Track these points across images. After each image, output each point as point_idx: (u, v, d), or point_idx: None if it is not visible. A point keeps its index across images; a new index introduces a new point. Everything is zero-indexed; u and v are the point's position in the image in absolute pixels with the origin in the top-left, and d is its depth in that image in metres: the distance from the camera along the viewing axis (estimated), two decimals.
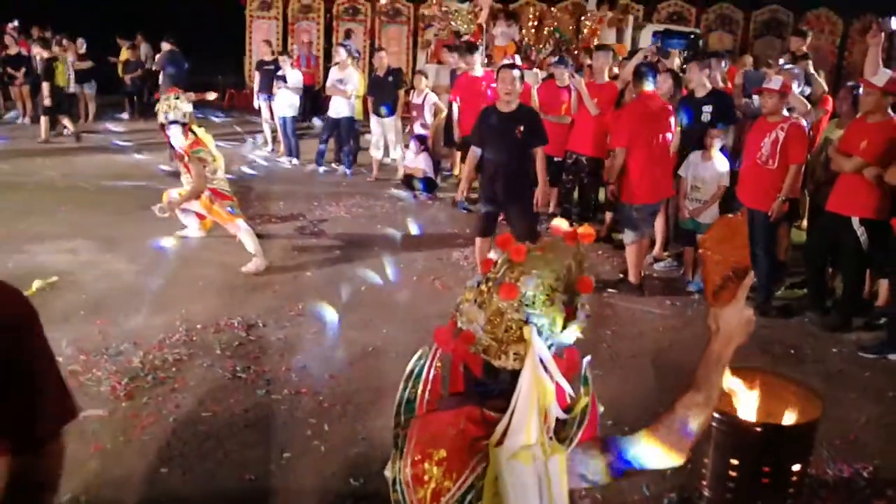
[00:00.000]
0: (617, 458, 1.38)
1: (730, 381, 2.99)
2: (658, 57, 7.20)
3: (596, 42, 9.35)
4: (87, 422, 3.34)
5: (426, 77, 8.65)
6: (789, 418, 2.87)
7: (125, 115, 12.62)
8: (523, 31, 10.41)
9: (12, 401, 1.12)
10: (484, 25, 9.00)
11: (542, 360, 1.33)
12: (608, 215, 6.79)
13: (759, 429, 2.81)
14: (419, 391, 1.56)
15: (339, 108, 8.82)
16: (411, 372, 1.58)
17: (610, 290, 5.39)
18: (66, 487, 2.89)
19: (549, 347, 1.37)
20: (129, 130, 11.47)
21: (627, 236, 5.39)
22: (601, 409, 1.47)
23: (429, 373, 1.56)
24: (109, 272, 5.30)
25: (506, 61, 6.65)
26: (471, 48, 7.87)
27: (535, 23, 10.59)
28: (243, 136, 10.96)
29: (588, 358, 1.53)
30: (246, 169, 9.10)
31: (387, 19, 14.45)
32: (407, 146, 8.47)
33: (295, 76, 9.44)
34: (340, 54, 8.96)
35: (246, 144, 10.54)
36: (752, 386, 2.98)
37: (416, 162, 8.12)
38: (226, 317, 4.59)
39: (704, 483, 2.92)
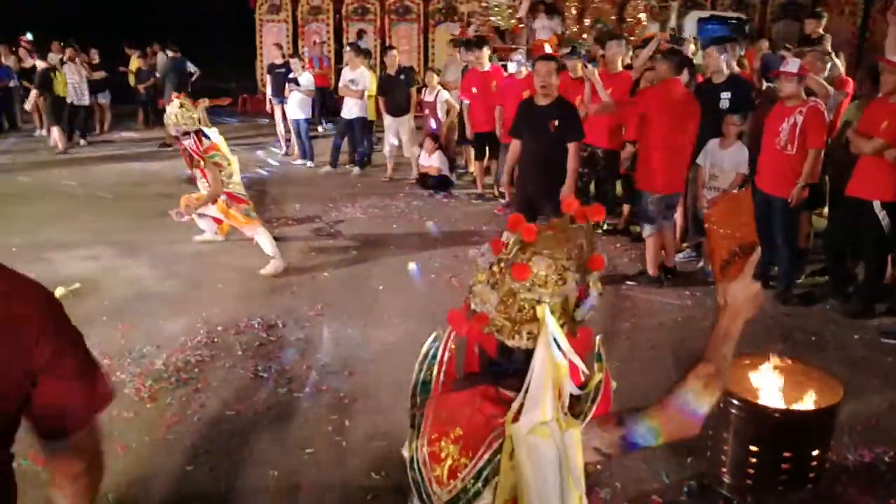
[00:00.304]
0: (631, 432, 1.39)
1: (750, 368, 3.00)
2: (672, 44, 7.14)
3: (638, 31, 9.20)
4: (112, 423, 3.40)
5: (437, 74, 8.66)
6: (809, 404, 2.85)
7: (139, 125, 12.77)
8: (566, 23, 10.25)
9: (40, 390, 1.14)
10: (524, 19, 8.90)
11: (555, 339, 1.35)
12: (625, 208, 6.77)
13: (778, 415, 2.80)
14: (434, 373, 1.59)
15: (351, 108, 8.86)
16: (426, 354, 1.62)
17: (629, 282, 5.37)
18: None
19: (562, 326, 1.38)
20: (144, 139, 11.62)
21: (645, 229, 5.37)
22: (614, 384, 1.48)
23: (443, 354, 1.60)
24: (130, 278, 5.38)
25: (544, 53, 6.62)
26: (479, 43, 7.88)
27: (578, 14, 10.44)
28: (265, 144, 11.00)
29: (600, 335, 1.54)
30: (261, 172, 9.18)
31: (396, 17, 14.48)
32: (421, 145, 8.49)
33: (307, 78, 9.49)
34: (350, 54, 9.01)
35: (266, 148, 10.62)
36: (771, 372, 2.97)
37: (431, 161, 8.15)
38: (246, 318, 4.64)
39: (724, 470, 2.92)
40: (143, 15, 16.75)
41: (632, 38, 7.46)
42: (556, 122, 4.93)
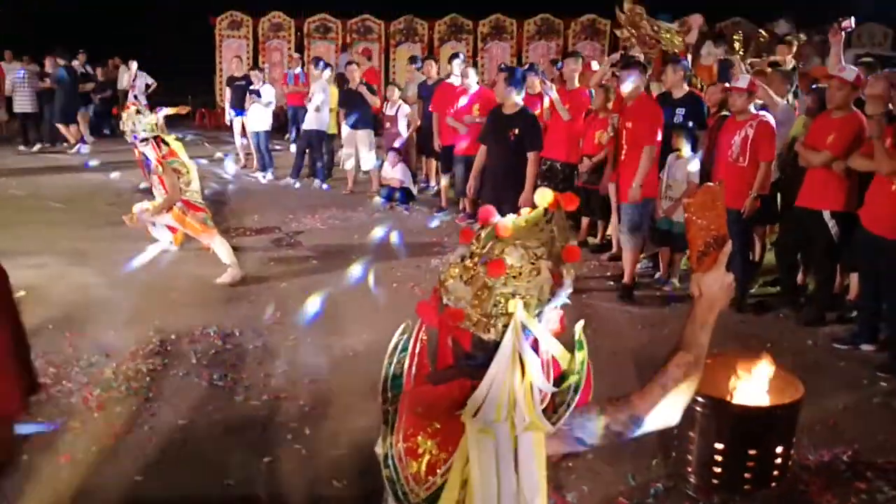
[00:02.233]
0: (615, 421, 1.37)
1: (712, 367, 3.02)
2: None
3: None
4: (56, 433, 3.25)
5: (399, 89, 8.68)
6: (772, 400, 2.89)
7: (91, 137, 12.44)
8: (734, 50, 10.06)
9: None
10: (692, 45, 8.72)
11: (528, 333, 1.33)
12: (584, 220, 6.84)
13: (743, 410, 2.82)
14: (405, 366, 1.53)
15: (310, 121, 8.80)
16: (395, 346, 1.57)
17: (622, 298, 5.38)
18: (34, 498, 2.79)
19: (538, 316, 1.36)
20: (100, 151, 11.32)
21: (630, 239, 5.36)
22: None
23: (415, 347, 1.54)
24: (79, 286, 5.18)
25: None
26: (452, 57, 8.00)
27: (743, 45, 10.33)
28: (218, 154, 10.85)
29: (581, 322, 1.52)
30: (219, 184, 9.02)
31: (358, 37, 14.51)
32: (385, 158, 8.47)
33: (267, 91, 9.41)
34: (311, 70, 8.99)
35: (224, 161, 10.45)
36: (732, 371, 3.00)
37: (394, 173, 8.13)
38: (201, 327, 4.50)
39: (690, 470, 2.92)
40: (100, 27, 16.45)
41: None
42: (517, 131, 5.09)
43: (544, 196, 1.44)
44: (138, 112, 5.12)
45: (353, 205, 8.09)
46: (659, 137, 5.21)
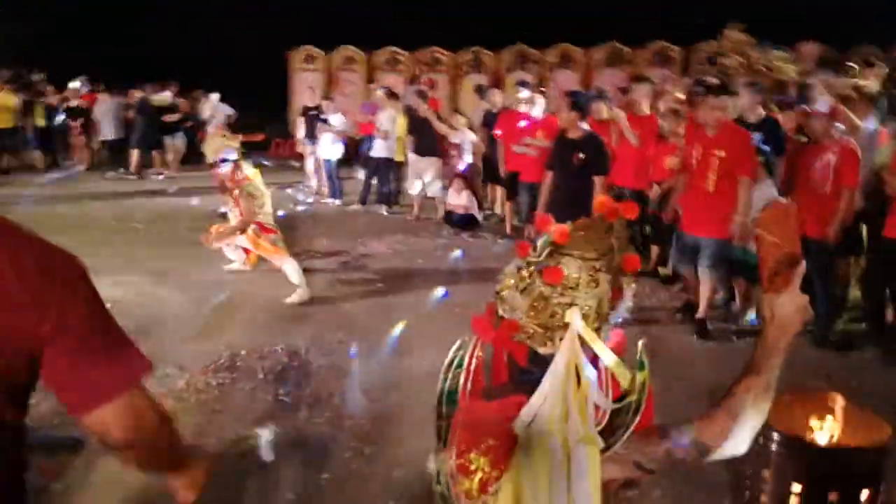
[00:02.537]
0: (677, 446, 1.31)
1: (791, 404, 2.86)
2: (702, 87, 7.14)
3: None
4: None
5: (464, 117, 8.80)
6: (855, 442, 2.70)
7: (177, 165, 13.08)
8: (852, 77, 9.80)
9: (45, 360, 1.10)
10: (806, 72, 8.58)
11: (586, 344, 1.29)
12: (654, 249, 6.68)
13: (825, 451, 2.65)
14: (461, 382, 1.51)
15: (378, 149, 8.99)
16: (451, 362, 1.54)
17: (678, 314, 5.31)
18: (104, 495, 2.88)
19: (597, 331, 1.32)
20: (183, 177, 11.92)
21: (711, 273, 5.07)
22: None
23: (470, 362, 1.51)
24: (159, 302, 5.41)
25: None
26: (519, 84, 8.07)
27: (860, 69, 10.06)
28: (296, 184, 11.19)
29: (644, 341, 1.47)
30: (291, 209, 9.30)
31: (426, 68, 14.82)
32: (449, 184, 8.55)
33: (338, 119, 9.69)
34: (381, 97, 9.21)
35: (295, 188, 10.79)
36: (811, 408, 2.83)
37: (459, 199, 8.19)
38: (270, 344, 4.61)
39: None
40: (185, 62, 17.40)
41: None
42: (582, 156, 5.05)
43: (602, 204, 1.41)
44: (223, 136, 5.40)
45: (418, 231, 8.18)
46: (754, 167, 4.89)
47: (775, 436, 2.63)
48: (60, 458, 3.18)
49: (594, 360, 1.31)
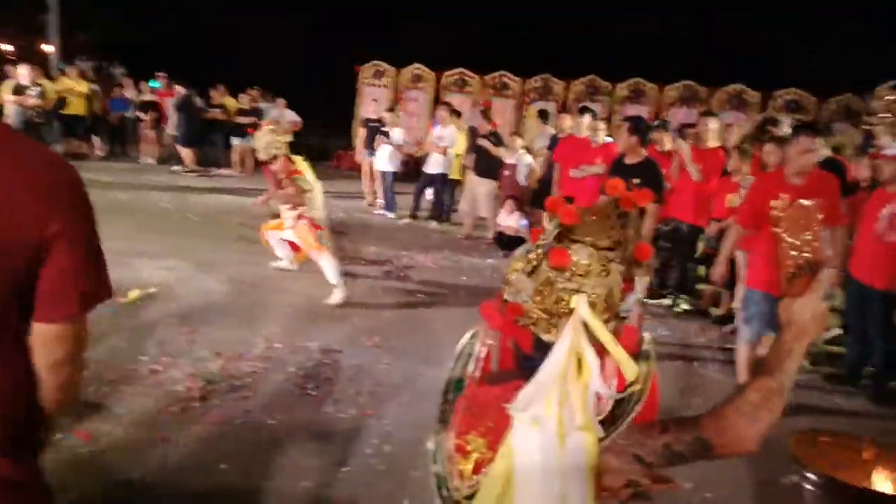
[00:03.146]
0: (677, 441, 1.24)
1: (829, 447, 2.70)
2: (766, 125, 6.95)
3: None
4: (159, 414, 3.41)
5: (521, 138, 8.79)
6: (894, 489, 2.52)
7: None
8: None
9: (46, 264, 1.11)
10: None
11: (590, 330, 1.24)
12: (708, 288, 6.48)
13: (861, 494, 2.48)
14: (470, 370, 1.49)
15: (435, 163, 9.04)
16: (462, 351, 1.52)
17: (705, 361, 5.07)
18: (127, 470, 2.92)
19: (606, 322, 1.27)
20: (251, 178, 12.30)
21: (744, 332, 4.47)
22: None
23: (481, 352, 1.49)
24: (203, 290, 5.51)
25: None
26: (582, 111, 8.03)
27: None
28: (352, 194, 11.36)
29: (650, 333, 1.41)
30: (343, 217, 9.42)
31: (494, 92, 14.90)
32: (501, 205, 8.53)
33: (398, 133, 9.80)
34: (443, 113, 9.29)
35: (351, 198, 10.95)
36: (849, 453, 2.66)
37: (510, 220, 8.14)
38: (304, 340, 4.64)
39: None
40: (257, 65, 18.09)
41: None
42: (638, 181, 4.98)
43: (615, 186, 1.34)
44: (272, 131, 5.51)
45: (466, 248, 8.15)
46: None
47: (811, 476, 2.48)
48: (94, 423, 3.24)
49: (600, 351, 1.26)
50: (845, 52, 17.05)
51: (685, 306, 6.41)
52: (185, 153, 12.30)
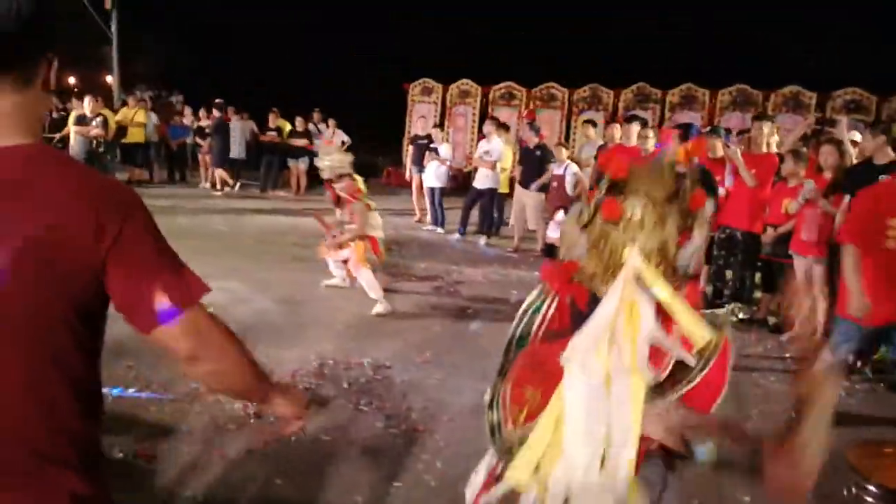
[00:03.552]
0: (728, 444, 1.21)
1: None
2: (823, 127, 6.74)
3: None
4: (217, 432, 3.52)
5: (567, 149, 8.74)
6: None
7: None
8: None
9: (127, 278, 1.14)
10: None
11: (643, 281, 1.22)
12: (764, 296, 6.29)
13: None
14: (534, 327, 1.49)
15: (484, 178, 9.07)
16: (528, 307, 1.53)
17: (763, 370, 4.92)
18: (186, 486, 3.01)
19: (663, 275, 1.24)
20: (299, 199, 12.59)
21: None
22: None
23: (547, 310, 1.49)
24: (257, 309, 5.66)
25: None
26: (629, 119, 7.96)
27: None
28: (402, 211, 11.52)
29: (731, 306, 1.38)
30: (393, 234, 9.52)
31: (541, 104, 14.88)
32: (551, 217, 8.48)
33: (446, 149, 9.88)
34: (490, 127, 9.32)
35: (400, 215, 11.08)
36: None
37: (559, 232, 8.08)
38: (356, 356, 4.70)
39: None
40: (308, 90, 18.58)
41: None
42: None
43: (673, 150, 1.33)
44: (340, 150, 5.71)
45: (515, 262, 8.13)
46: None
47: (872, 489, 2.39)
48: (156, 442, 3.37)
49: (660, 310, 1.22)
50: None
51: (742, 315, 6.23)
52: (219, 174, 12.73)
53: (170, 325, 1.16)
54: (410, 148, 11.21)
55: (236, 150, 13.17)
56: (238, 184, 13.19)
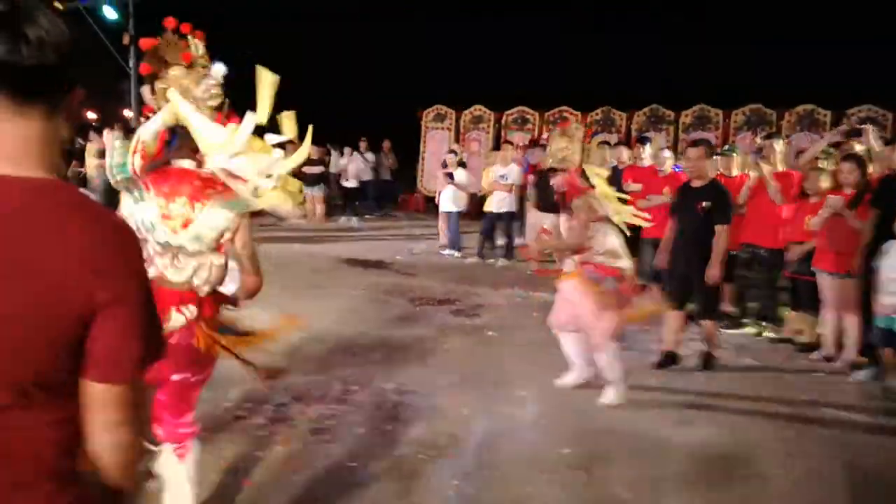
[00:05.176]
0: None
1: None
2: (847, 140, 6.69)
3: None
4: (244, 459, 3.49)
5: None
6: None
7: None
8: None
9: (93, 332, 1.09)
10: None
11: None
12: (791, 314, 6.20)
13: None
14: None
15: (500, 202, 9.08)
16: None
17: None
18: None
19: None
20: (322, 226, 12.70)
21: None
22: None
23: None
24: (282, 336, 5.64)
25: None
26: (642, 140, 7.97)
27: None
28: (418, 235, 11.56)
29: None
30: (408, 257, 9.54)
31: (553, 128, 14.92)
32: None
33: (461, 174, 9.92)
34: (505, 151, 9.37)
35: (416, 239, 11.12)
36: None
37: None
38: (381, 382, 4.67)
39: None
40: (322, 119, 18.83)
41: None
42: (705, 204, 5.06)
43: None
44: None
45: (536, 284, 8.06)
46: None
47: None
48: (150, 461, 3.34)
49: None
50: None
51: (769, 334, 6.14)
52: None
53: (121, 386, 1.12)
54: (439, 174, 11.23)
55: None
56: None
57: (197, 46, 2.71)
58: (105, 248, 1.09)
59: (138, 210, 2.56)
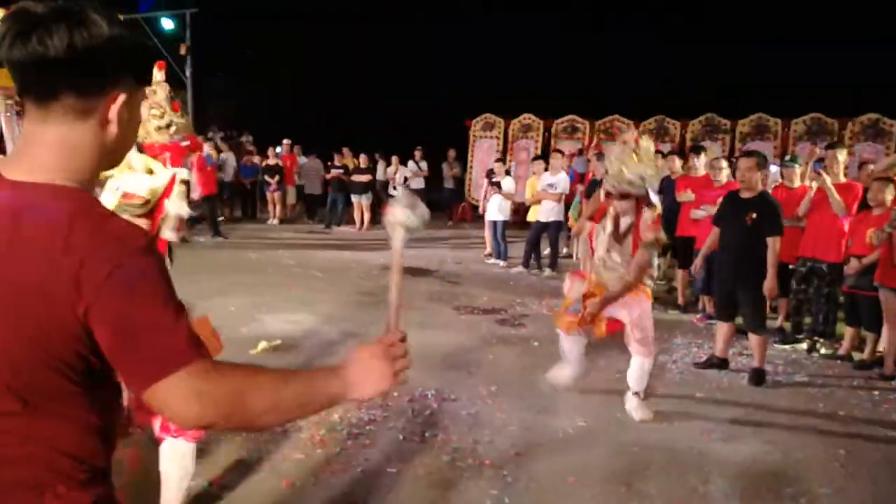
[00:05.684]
0: None
1: None
2: None
3: None
4: (284, 461, 3.54)
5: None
6: None
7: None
8: None
9: (110, 342, 1.07)
10: None
11: None
12: (849, 331, 5.94)
13: None
14: None
15: (548, 211, 9.00)
16: None
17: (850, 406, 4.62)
18: None
19: None
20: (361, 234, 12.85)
21: None
22: None
23: None
24: (324, 342, 5.73)
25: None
26: (696, 150, 7.81)
27: None
28: (467, 245, 11.57)
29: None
30: (456, 267, 9.53)
31: (605, 137, 14.75)
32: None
33: (508, 183, 9.88)
34: (553, 160, 9.29)
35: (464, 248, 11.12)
36: None
37: None
38: (421, 388, 4.67)
39: None
40: (368, 126, 19.16)
41: None
42: (754, 215, 4.99)
43: None
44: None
45: None
46: None
47: None
48: (226, 471, 3.41)
49: None
50: None
51: (824, 350, 5.90)
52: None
53: (153, 390, 1.05)
54: (484, 182, 11.23)
55: (312, 187, 14.05)
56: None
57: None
58: (92, 259, 1.02)
59: None
